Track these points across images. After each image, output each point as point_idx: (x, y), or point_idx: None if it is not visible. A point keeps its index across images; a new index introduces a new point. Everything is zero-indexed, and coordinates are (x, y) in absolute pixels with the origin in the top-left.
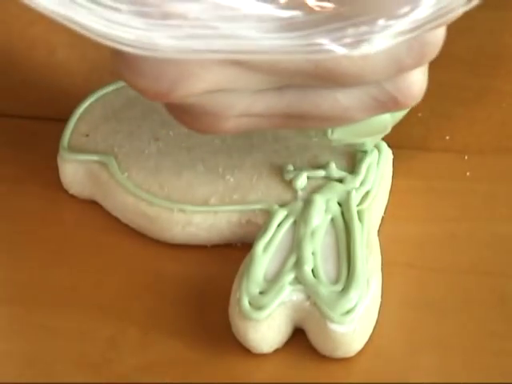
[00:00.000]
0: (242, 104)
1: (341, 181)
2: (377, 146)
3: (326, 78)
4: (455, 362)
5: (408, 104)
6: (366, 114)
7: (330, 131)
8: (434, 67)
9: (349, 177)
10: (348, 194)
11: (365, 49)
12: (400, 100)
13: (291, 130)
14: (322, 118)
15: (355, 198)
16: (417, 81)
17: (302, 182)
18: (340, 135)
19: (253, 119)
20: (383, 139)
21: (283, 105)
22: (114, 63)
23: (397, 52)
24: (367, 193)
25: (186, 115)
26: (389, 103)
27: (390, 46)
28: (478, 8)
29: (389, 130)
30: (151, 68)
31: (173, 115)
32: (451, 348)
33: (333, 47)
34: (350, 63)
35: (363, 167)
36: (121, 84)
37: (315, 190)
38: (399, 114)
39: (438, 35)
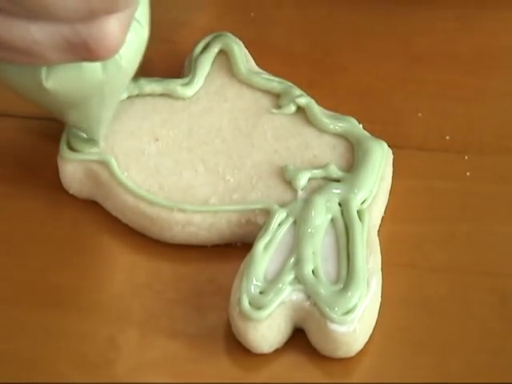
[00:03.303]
0: None
1: (341, 181)
2: (377, 146)
3: None
4: (455, 361)
5: (100, 54)
6: (59, 56)
7: (43, 76)
8: (434, 67)
9: (349, 177)
10: (348, 194)
11: None
12: (91, 47)
13: None
14: (13, 48)
15: (355, 198)
16: (112, 32)
17: (302, 182)
18: (55, 83)
19: None
20: (383, 139)
21: None
22: None
23: None
24: (367, 193)
25: None
26: (81, 47)
27: None
28: (478, 8)
29: (111, 97)
30: None
31: None
32: (451, 348)
33: None
34: None
35: (363, 167)
36: None
37: (315, 190)
38: (112, 73)
39: None
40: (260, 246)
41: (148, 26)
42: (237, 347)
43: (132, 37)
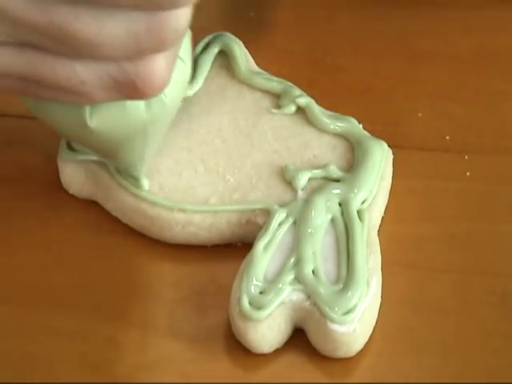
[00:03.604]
0: None
1: (341, 181)
2: (377, 146)
3: (59, 37)
4: (455, 361)
5: (147, 92)
6: (105, 95)
7: (87, 115)
8: (434, 67)
9: (349, 177)
10: (348, 194)
11: None
12: (138, 85)
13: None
14: (58, 88)
15: (355, 198)
16: (158, 70)
17: (302, 182)
18: (99, 122)
19: None
20: (383, 139)
21: (20, 64)
22: None
23: (136, 30)
24: (367, 193)
25: None
26: (127, 86)
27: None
28: (478, 8)
29: (154, 134)
30: None
31: None
32: (451, 348)
33: None
34: (84, 26)
35: (363, 167)
36: None
37: (315, 190)
38: (156, 112)
39: (180, 22)
40: (260, 246)
41: (190, 62)
42: (237, 347)
43: (176, 74)
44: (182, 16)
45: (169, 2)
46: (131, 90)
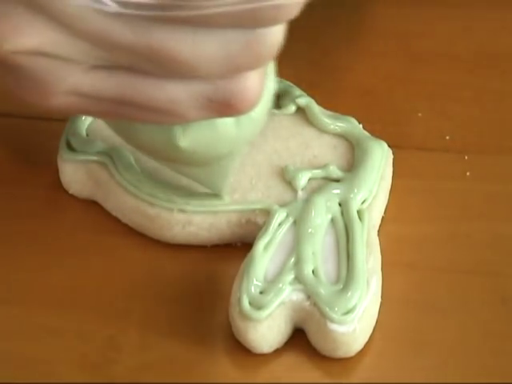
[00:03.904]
0: (71, 78)
1: (341, 181)
2: (377, 146)
3: (155, 59)
4: (455, 361)
5: (241, 109)
6: (199, 114)
7: (178, 135)
8: (434, 67)
9: (349, 177)
10: (348, 194)
11: None
12: (233, 103)
13: (124, 122)
14: (152, 109)
15: (355, 198)
16: (252, 86)
17: (302, 182)
18: (190, 142)
19: (82, 100)
20: (383, 139)
21: (112, 88)
22: None
23: (233, 48)
24: (367, 193)
25: (15, 79)
26: (221, 104)
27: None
28: (478, 8)
29: (240, 150)
30: None
31: (3, 80)
32: (451, 348)
33: None
34: (183, 47)
35: (363, 167)
36: None
37: (315, 190)
38: (245, 129)
39: (276, 37)
40: (260, 246)
41: (274, 76)
42: (237, 347)
43: None
44: (278, 31)
45: (271, 19)
46: (225, 107)
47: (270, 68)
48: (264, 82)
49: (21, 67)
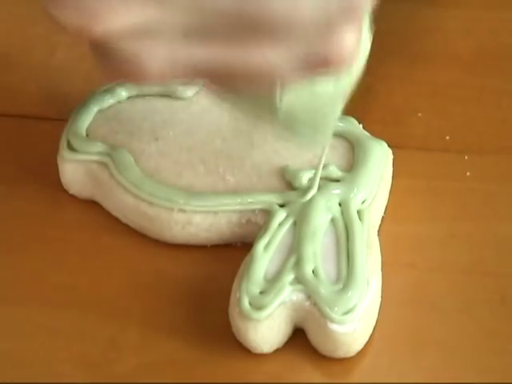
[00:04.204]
0: (164, 52)
1: (341, 181)
2: (377, 146)
3: (251, 21)
4: (455, 361)
5: (339, 65)
6: (297, 74)
7: (278, 98)
8: (434, 67)
9: (349, 177)
10: (348, 194)
11: None
12: (330, 60)
13: (223, 92)
14: (248, 74)
15: (355, 198)
16: (349, 41)
17: (302, 182)
18: (289, 104)
19: (177, 72)
20: (383, 139)
21: (207, 55)
22: None
23: (327, 3)
24: (367, 193)
25: (108, 60)
26: (319, 62)
27: None
28: (477, 8)
29: (339, 106)
30: (73, 0)
31: (98, 60)
32: (451, 348)
33: None
34: (278, 5)
35: (363, 167)
36: (121, 85)
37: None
38: (344, 84)
39: None
40: (260, 246)
41: (369, 33)
42: (237, 347)
43: None
44: None
45: None
46: (323, 65)
47: (365, 25)
48: (359, 38)
49: (115, 47)
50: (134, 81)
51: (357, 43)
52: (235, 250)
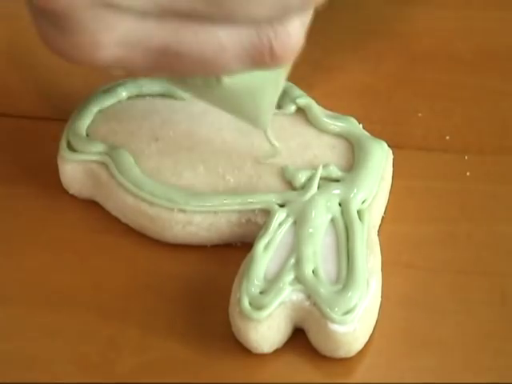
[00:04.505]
0: (122, 27)
1: (341, 181)
2: (377, 146)
3: (211, 2)
4: (455, 362)
5: (283, 56)
6: (240, 63)
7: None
8: (434, 67)
9: (349, 177)
10: (348, 194)
11: None
12: (276, 49)
13: (164, 77)
14: (197, 59)
15: (355, 198)
16: (295, 33)
17: (302, 181)
18: (230, 83)
19: (130, 52)
20: (383, 139)
21: (162, 35)
22: None
23: None
24: (367, 193)
25: (61, 32)
26: (265, 51)
27: None
28: (478, 8)
29: (280, 83)
30: None
31: (44, 28)
32: (451, 348)
33: None
34: None
35: (363, 167)
36: (121, 85)
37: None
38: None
39: None
40: (260, 246)
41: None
42: (237, 347)
43: None
44: None
45: None
46: (266, 54)
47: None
48: (305, 29)
49: (72, 16)
50: (85, 60)
51: (301, 36)
52: (235, 249)
